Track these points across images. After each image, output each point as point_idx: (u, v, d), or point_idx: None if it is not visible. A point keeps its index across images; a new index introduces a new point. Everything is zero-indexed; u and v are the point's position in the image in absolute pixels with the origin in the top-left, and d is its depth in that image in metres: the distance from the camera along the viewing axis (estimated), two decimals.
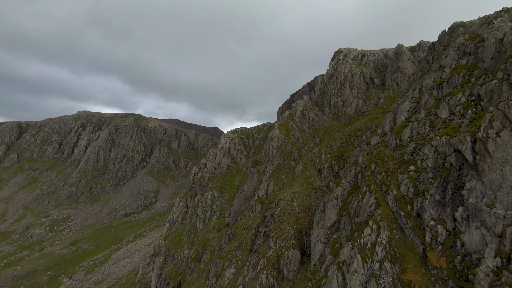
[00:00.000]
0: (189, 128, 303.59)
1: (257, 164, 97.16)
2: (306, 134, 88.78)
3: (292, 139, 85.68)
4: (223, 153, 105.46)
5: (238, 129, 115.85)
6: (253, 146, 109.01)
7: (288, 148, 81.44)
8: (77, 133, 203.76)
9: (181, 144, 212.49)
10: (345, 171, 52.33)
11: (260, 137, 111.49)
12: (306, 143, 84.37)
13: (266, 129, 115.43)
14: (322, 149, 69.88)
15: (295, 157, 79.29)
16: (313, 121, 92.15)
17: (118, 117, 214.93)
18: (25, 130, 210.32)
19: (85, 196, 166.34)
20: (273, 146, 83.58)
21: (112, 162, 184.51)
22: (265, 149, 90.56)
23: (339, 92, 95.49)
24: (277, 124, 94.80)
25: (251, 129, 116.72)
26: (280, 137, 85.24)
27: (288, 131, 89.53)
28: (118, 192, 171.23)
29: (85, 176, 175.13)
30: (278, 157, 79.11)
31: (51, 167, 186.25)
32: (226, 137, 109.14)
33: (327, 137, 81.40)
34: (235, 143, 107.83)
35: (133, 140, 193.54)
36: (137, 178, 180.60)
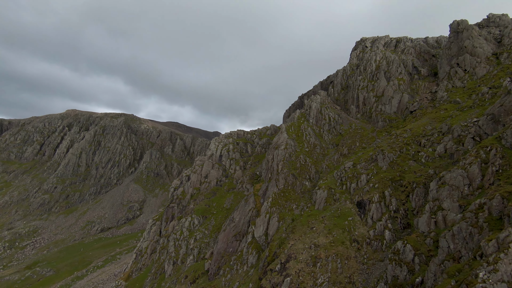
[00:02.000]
0: (189, 132, 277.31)
1: (256, 180, 69.15)
2: (326, 140, 60.62)
3: (306, 146, 57.59)
4: (213, 162, 77.59)
5: (234, 132, 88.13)
6: (252, 155, 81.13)
7: (301, 160, 53.35)
8: (62, 133, 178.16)
9: (176, 148, 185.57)
10: (424, 213, 24.62)
11: (262, 143, 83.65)
12: (327, 154, 56.20)
13: (270, 133, 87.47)
14: (360, 166, 41.58)
15: (311, 175, 51.09)
16: (336, 122, 64.03)
17: (108, 117, 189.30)
18: (7, 129, 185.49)
19: (60, 206, 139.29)
20: (278, 156, 55.56)
21: (95, 166, 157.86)
22: (267, 159, 62.72)
23: (370, 85, 67.44)
24: (285, 126, 66.88)
25: (250, 133, 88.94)
26: (289, 144, 57.28)
27: (300, 135, 61.52)
28: (98, 202, 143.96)
29: (63, 182, 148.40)
30: (286, 173, 51.02)
31: (28, 170, 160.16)
32: (217, 142, 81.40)
33: (358, 145, 53.19)
34: (228, 150, 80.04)
35: (121, 143, 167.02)
36: (122, 186, 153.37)
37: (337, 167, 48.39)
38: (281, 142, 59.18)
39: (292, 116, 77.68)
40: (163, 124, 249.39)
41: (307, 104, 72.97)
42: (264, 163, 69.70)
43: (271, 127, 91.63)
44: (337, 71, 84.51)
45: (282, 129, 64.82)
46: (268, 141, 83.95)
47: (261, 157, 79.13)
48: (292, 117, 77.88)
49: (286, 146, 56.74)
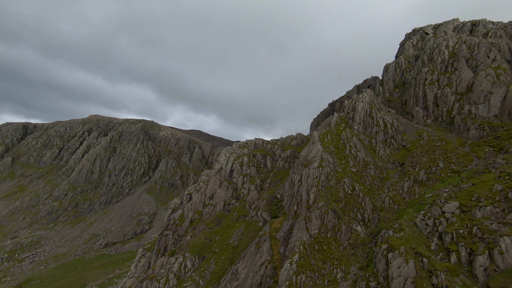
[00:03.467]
0: (211, 141, 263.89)
1: (275, 206, 49.27)
2: (383, 156, 39.57)
3: (353, 165, 36.96)
4: (221, 179, 58.87)
5: (250, 142, 69.17)
6: (271, 171, 61.52)
7: (346, 186, 32.90)
8: (81, 139, 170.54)
9: (193, 157, 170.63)
10: None
11: (285, 156, 63.83)
12: (387, 178, 35.28)
13: (295, 143, 67.42)
14: (480, 212, 20.36)
15: (365, 213, 30.43)
16: (395, 131, 42.89)
17: (127, 123, 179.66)
18: (31, 132, 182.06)
19: (68, 215, 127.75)
20: (310, 178, 35.46)
21: (108, 174, 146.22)
22: (291, 179, 42.84)
23: (444, 78, 45.67)
24: (318, 135, 46.67)
25: (271, 143, 69.44)
26: (325, 160, 37.01)
27: (341, 148, 41.03)
28: (107, 212, 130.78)
29: (74, 188, 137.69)
30: (323, 207, 30.80)
31: (44, 175, 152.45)
32: (228, 153, 62.76)
33: (443, 167, 31.70)
34: (242, 163, 61.03)
35: (136, 150, 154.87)
36: (133, 196, 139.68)
37: (413, 204, 27.39)
38: (313, 157, 39.11)
39: (327, 121, 57.57)
40: (184, 132, 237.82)
41: (348, 105, 52.34)
42: (287, 184, 49.86)
43: (297, 136, 71.58)
44: (387, 66, 63.13)
45: (314, 138, 44.78)
46: (293, 153, 63.98)
47: (283, 174, 59.26)
48: (326, 123, 57.67)
49: (321, 163, 36.56)
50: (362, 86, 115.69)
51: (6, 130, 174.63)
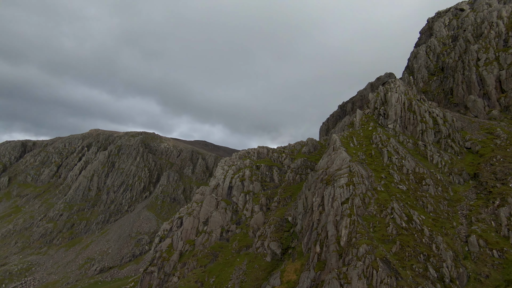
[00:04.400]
0: (216, 151, 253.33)
1: (287, 233, 37.19)
2: (440, 165, 27.17)
3: (399, 180, 24.58)
4: (217, 198, 47.01)
5: (253, 151, 57.38)
6: (280, 185, 49.51)
7: (396, 212, 20.47)
8: (80, 154, 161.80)
9: (197, 169, 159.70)
10: None
11: (296, 166, 51.72)
12: (458, 199, 22.83)
13: (307, 150, 55.43)
14: None
15: (445, 265, 17.84)
16: (451, 127, 30.48)
17: (128, 136, 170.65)
18: (31, 149, 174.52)
19: (62, 237, 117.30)
20: (337, 202, 23.34)
21: (106, 190, 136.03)
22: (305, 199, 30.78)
23: (507, 56, 33.41)
24: (338, 138, 34.53)
25: (277, 151, 57.50)
26: (355, 173, 25.08)
27: (374, 154, 29.01)
28: (104, 233, 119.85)
29: (70, 208, 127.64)
30: (368, 255, 18.31)
31: (40, 194, 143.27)
32: (227, 165, 51.28)
33: None
34: (243, 177, 49.18)
35: (136, 164, 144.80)
36: (133, 214, 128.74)
37: None
38: (337, 170, 27.14)
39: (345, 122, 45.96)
40: (188, 143, 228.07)
41: (373, 98, 40.41)
42: (300, 203, 37.94)
43: (308, 142, 59.51)
44: (415, 52, 50.98)
45: (335, 143, 32.82)
46: (305, 163, 51.86)
47: (294, 190, 47.12)
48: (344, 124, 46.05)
49: (351, 179, 24.59)
50: (376, 83, 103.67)
51: (4, 148, 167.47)
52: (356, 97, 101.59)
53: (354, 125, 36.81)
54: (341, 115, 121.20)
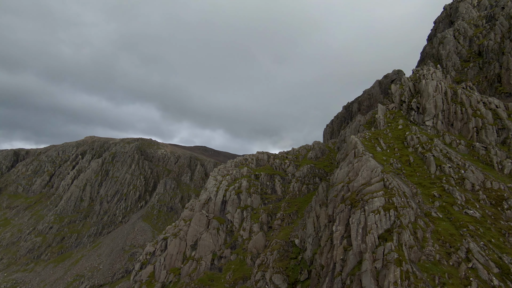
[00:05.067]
0: (216, 156, 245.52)
1: (293, 264, 28.84)
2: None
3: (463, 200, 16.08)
4: (209, 215, 38.72)
5: (251, 157, 49.43)
6: (283, 197, 41.33)
7: (476, 258, 11.83)
8: (74, 162, 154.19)
9: (195, 176, 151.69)
10: None
11: (302, 174, 43.44)
12: None
13: (313, 156, 47.55)
14: None
15: None
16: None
17: (124, 143, 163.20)
18: (23, 159, 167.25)
19: (51, 252, 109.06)
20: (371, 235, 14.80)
21: (99, 201, 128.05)
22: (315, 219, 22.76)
23: None
24: (359, 141, 26.26)
25: (279, 157, 49.36)
26: (396, 190, 16.36)
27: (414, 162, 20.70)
28: (96, 246, 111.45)
29: (61, 220, 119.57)
30: None
31: (31, 205, 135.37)
32: (220, 175, 43.83)
33: None
34: (239, 189, 40.94)
35: (131, 172, 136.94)
36: (127, 225, 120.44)
37: None
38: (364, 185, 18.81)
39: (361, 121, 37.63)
40: (187, 149, 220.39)
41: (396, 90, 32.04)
42: (309, 223, 29.84)
43: (314, 146, 51.39)
44: (441, 37, 42.90)
45: (356, 146, 24.62)
46: (312, 170, 43.66)
47: (301, 203, 38.89)
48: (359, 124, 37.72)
49: (389, 200, 16.04)
50: (384, 81, 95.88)
51: None
52: (364, 97, 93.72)
53: (376, 124, 28.73)
54: (346, 116, 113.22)
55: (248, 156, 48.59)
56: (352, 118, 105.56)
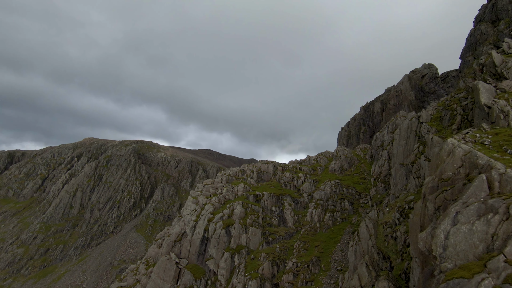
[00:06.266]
0: (221, 160, 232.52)
1: None
2: None
3: None
4: (179, 263, 24.09)
5: (251, 167, 35.01)
6: (297, 232, 27.07)
7: None
8: (69, 165, 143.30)
9: (196, 182, 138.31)
10: None
11: (324, 196, 28.71)
12: None
13: (337, 167, 33.43)
14: None
15: None
16: None
17: (122, 145, 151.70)
18: (18, 160, 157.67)
19: (33, 265, 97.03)
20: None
21: (90, 208, 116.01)
22: None
23: None
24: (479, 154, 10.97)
25: (290, 169, 34.91)
26: None
27: None
28: (82, 260, 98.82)
29: (47, 229, 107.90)
30: None
31: (20, 211, 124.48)
32: (204, 194, 28.31)
33: None
34: (230, 218, 26.48)
35: (126, 177, 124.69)
36: (118, 236, 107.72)
37: None
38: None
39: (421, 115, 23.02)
40: (190, 153, 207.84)
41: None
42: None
43: (338, 154, 37.54)
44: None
45: (475, 159, 9.76)
46: (339, 188, 29.45)
47: (325, 242, 24.14)
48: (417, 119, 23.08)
49: None
50: (414, 76, 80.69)
51: None
52: (390, 94, 78.54)
53: (497, 118, 14.15)
54: (365, 117, 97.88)
55: (247, 167, 34.54)
56: (374, 119, 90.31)
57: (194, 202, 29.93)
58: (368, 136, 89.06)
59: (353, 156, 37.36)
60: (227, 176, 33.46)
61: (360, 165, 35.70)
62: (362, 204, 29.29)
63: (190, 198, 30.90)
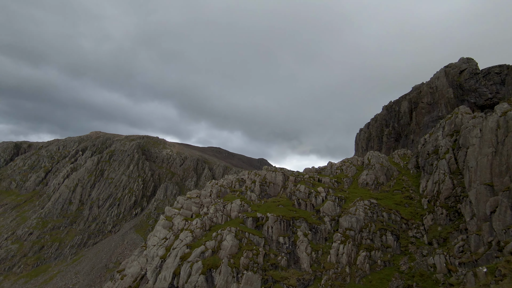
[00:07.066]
0: (230, 159, 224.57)
1: None
2: None
3: None
4: None
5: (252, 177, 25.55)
6: (315, 279, 17.45)
7: None
8: (73, 159, 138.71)
9: (201, 181, 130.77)
10: None
11: (354, 224, 19.45)
12: None
13: (370, 180, 23.76)
14: None
15: None
16: None
17: (128, 140, 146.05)
18: (24, 152, 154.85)
19: (26, 263, 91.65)
20: None
21: (89, 205, 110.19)
22: None
23: None
24: None
25: (306, 180, 25.29)
26: None
27: None
28: (77, 260, 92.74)
29: (44, 225, 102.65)
30: None
31: (20, 204, 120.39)
32: (182, 214, 18.76)
33: None
34: (214, 255, 17.02)
35: (128, 173, 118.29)
36: (116, 236, 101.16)
37: None
38: None
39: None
40: (198, 150, 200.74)
41: None
42: None
43: (371, 161, 27.29)
44: None
45: None
46: (376, 211, 19.32)
47: None
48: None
49: None
50: (452, 71, 69.37)
51: None
52: (423, 92, 67.37)
53: None
54: (389, 118, 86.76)
55: (247, 175, 25.38)
56: (400, 120, 79.15)
57: (166, 226, 21.04)
58: (392, 139, 77.84)
59: (390, 165, 27.50)
60: (219, 187, 24.38)
61: (401, 178, 25.98)
62: (412, 240, 19.73)
63: (162, 219, 22.00)
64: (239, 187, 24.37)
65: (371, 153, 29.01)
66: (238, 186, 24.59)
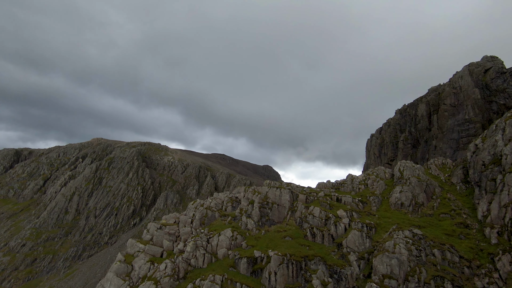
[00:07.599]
0: (234, 166, 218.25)
1: None
2: None
3: None
4: None
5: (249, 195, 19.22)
6: None
7: None
8: (73, 166, 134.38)
9: (203, 189, 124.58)
10: None
11: (399, 270, 12.64)
12: None
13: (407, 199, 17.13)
14: None
15: None
16: None
17: (129, 147, 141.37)
18: (25, 159, 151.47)
19: (16, 277, 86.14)
20: None
21: (86, 214, 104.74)
22: None
23: None
24: None
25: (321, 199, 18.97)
26: None
27: None
28: (70, 274, 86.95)
29: (38, 236, 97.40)
30: None
31: (17, 213, 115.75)
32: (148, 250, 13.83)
33: None
34: None
35: (127, 181, 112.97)
36: (113, 248, 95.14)
37: None
38: None
39: None
40: (201, 156, 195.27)
41: None
42: None
43: (404, 174, 21.98)
44: None
45: None
46: (423, 246, 12.38)
47: None
48: None
49: None
50: (475, 70, 62.57)
51: None
52: (445, 92, 60.55)
53: None
54: (403, 123, 79.87)
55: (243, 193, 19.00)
56: (417, 124, 72.19)
57: (122, 272, 14.37)
58: (410, 145, 70.63)
59: (430, 178, 20.97)
60: (205, 210, 17.92)
61: (446, 196, 19.61)
62: None
63: (118, 261, 15.61)
64: (232, 209, 18.29)
65: (402, 163, 22.37)
66: (231, 208, 18.52)
